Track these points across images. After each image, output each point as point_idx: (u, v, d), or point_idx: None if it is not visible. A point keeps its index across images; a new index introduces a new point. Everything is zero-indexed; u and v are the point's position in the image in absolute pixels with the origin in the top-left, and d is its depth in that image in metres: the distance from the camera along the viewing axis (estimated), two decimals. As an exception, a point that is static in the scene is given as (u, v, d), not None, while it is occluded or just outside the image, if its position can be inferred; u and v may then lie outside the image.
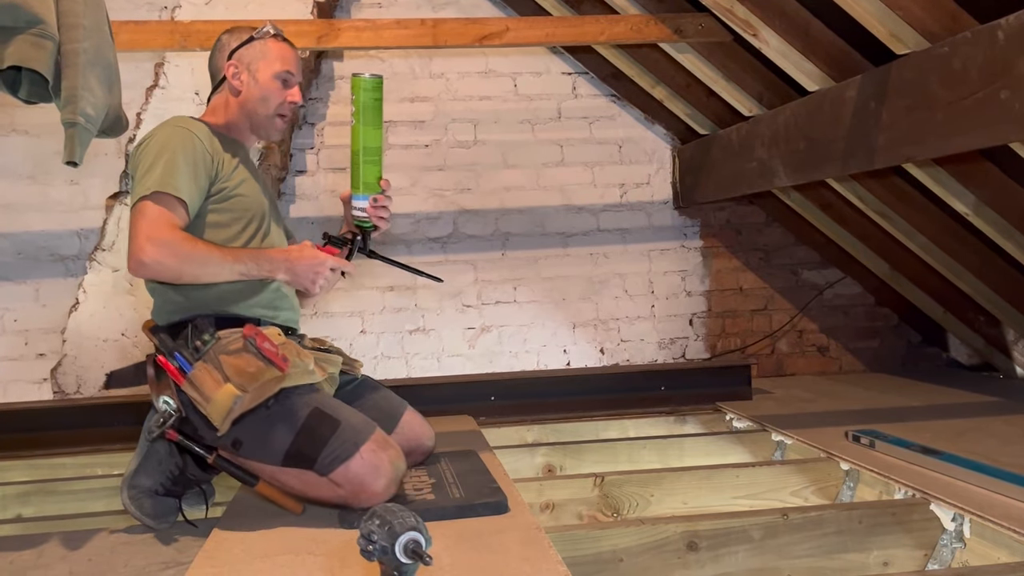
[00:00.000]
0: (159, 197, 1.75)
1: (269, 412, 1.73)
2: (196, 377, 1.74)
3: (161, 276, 1.77)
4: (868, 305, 3.91)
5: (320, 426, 1.73)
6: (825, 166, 2.54)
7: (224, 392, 1.70)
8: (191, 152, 1.82)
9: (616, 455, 2.60)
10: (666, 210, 3.80)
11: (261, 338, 1.77)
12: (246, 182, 1.95)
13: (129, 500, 1.80)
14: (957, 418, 2.71)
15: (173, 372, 1.75)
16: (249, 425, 1.72)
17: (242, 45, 1.97)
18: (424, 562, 1.04)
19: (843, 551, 1.82)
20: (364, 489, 1.70)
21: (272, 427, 1.73)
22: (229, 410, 1.69)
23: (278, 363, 1.74)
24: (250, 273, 1.81)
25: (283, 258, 1.83)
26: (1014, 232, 2.65)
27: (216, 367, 1.74)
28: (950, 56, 1.95)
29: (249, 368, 1.73)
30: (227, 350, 1.77)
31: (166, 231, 1.72)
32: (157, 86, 3.25)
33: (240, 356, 1.75)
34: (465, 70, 3.66)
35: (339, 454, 1.71)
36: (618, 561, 1.72)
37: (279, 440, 1.73)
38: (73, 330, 3.22)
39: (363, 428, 1.76)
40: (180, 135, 1.83)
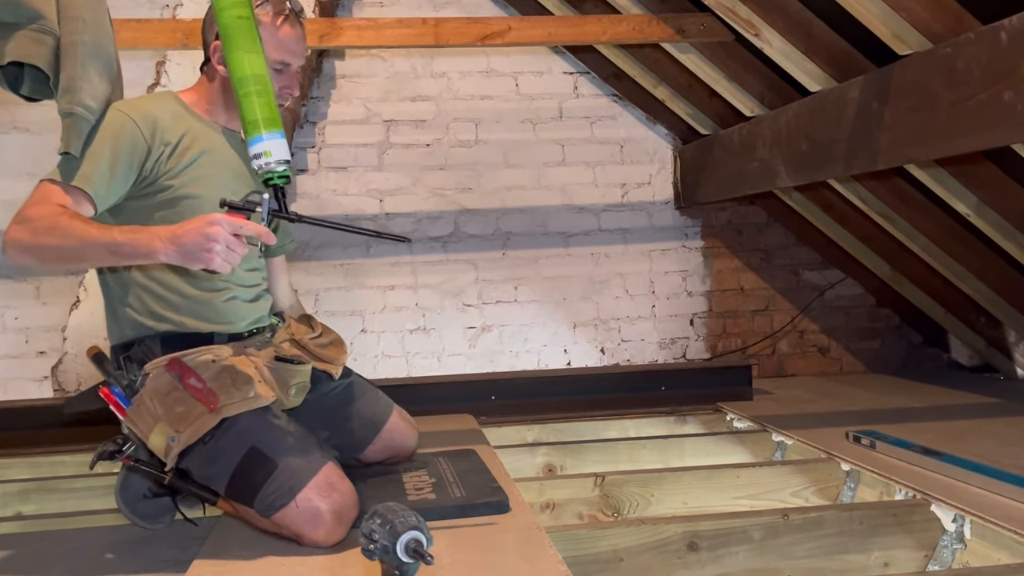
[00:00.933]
0: (54, 182, 1.57)
1: (207, 448, 1.60)
2: (134, 413, 1.64)
3: (21, 258, 1.51)
4: (869, 306, 3.91)
5: (255, 468, 1.57)
6: (827, 167, 2.54)
7: (159, 431, 1.59)
8: (117, 138, 1.61)
9: (617, 455, 2.59)
10: (667, 210, 3.80)
11: (186, 374, 1.61)
12: (202, 181, 1.70)
13: (123, 503, 1.80)
14: (958, 419, 2.70)
15: (116, 405, 1.66)
16: (194, 457, 1.62)
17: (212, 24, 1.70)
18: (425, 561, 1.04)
19: (844, 552, 1.81)
20: (302, 537, 1.56)
21: (213, 462, 1.61)
22: (167, 448, 1.59)
23: (204, 402, 1.58)
24: (123, 251, 1.47)
25: (167, 232, 1.45)
26: (1016, 233, 2.65)
27: (152, 402, 1.63)
28: (953, 57, 1.95)
29: (178, 408, 1.60)
30: (157, 389, 1.63)
31: (38, 208, 1.50)
32: (158, 84, 3.25)
33: (169, 396, 1.62)
34: (467, 69, 3.66)
35: (273, 501, 1.56)
36: (618, 561, 1.72)
37: (219, 477, 1.61)
38: (74, 328, 3.21)
39: (302, 471, 1.57)
40: (115, 119, 1.63)
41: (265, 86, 1.60)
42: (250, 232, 1.45)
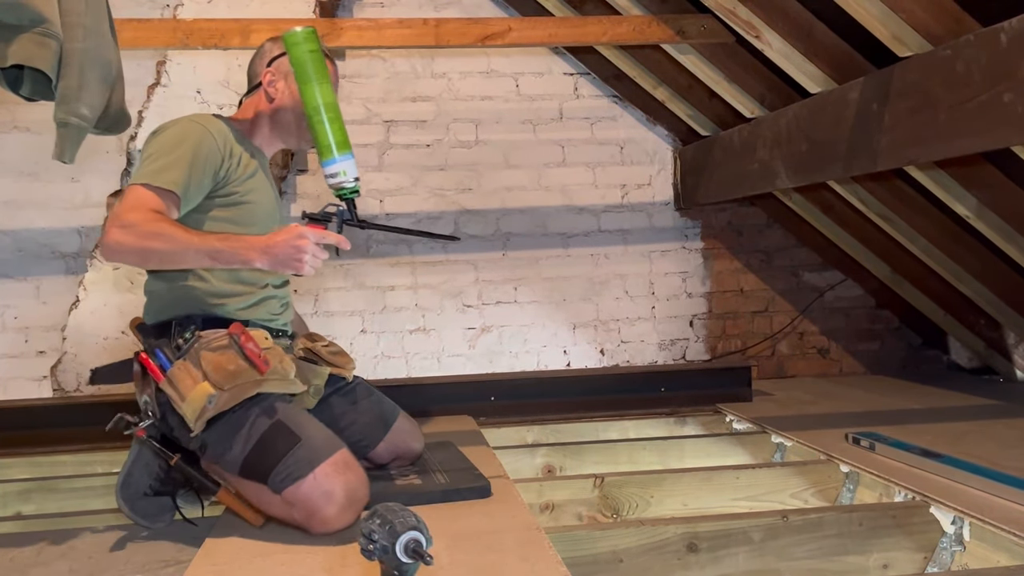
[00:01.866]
0: (148, 187, 1.68)
1: (234, 416, 1.68)
2: (174, 375, 1.70)
3: (124, 258, 1.66)
4: (869, 307, 3.91)
5: (278, 440, 1.66)
6: (827, 168, 2.54)
7: (199, 390, 1.66)
8: (199, 147, 1.76)
9: (616, 456, 2.60)
10: (667, 211, 3.80)
11: (246, 337, 1.72)
12: (259, 191, 1.90)
13: (123, 502, 1.81)
14: (957, 421, 2.71)
15: (153, 369, 1.72)
16: (216, 430, 1.69)
17: (283, 54, 1.89)
18: (425, 562, 1.04)
19: (843, 553, 1.82)
20: (314, 514, 1.62)
21: (234, 434, 1.68)
22: (203, 409, 1.65)
23: (259, 364, 1.69)
24: (222, 257, 1.64)
25: (261, 243, 1.64)
26: (1016, 235, 2.65)
27: (195, 365, 1.70)
28: (953, 59, 1.95)
29: (229, 366, 1.69)
30: (210, 347, 1.72)
31: (137, 214, 1.63)
32: (159, 84, 3.26)
33: (222, 353, 1.71)
34: (467, 70, 3.67)
35: (292, 472, 1.63)
36: (618, 562, 1.72)
37: (237, 449, 1.68)
38: (73, 328, 3.22)
39: (323, 448, 1.67)
40: (194, 130, 1.79)
41: (336, 113, 1.79)
42: (331, 241, 1.65)
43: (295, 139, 1.99)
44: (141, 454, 1.84)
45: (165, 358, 1.73)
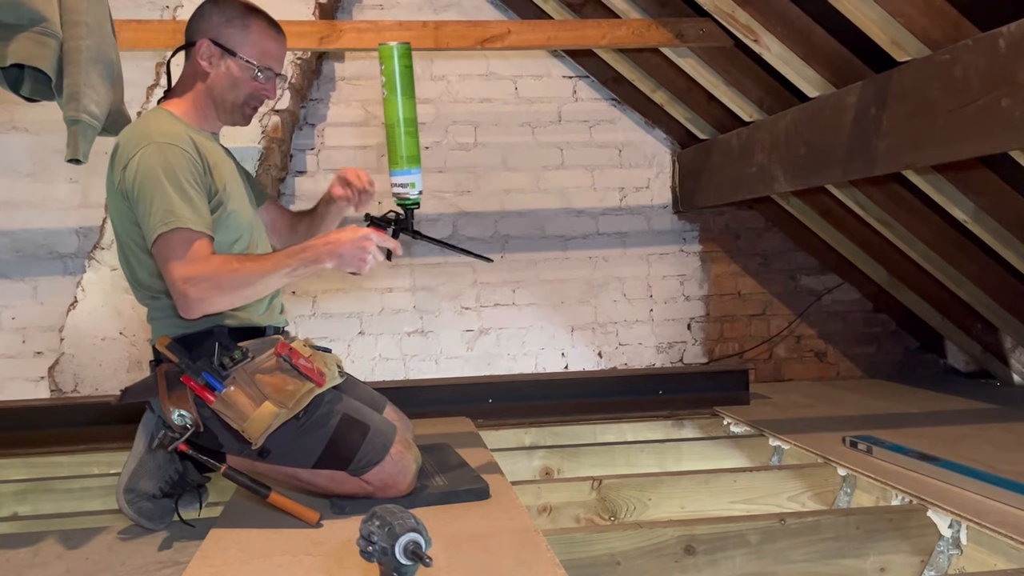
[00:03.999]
0: (174, 233, 1.64)
1: (300, 422, 1.74)
2: (229, 396, 1.70)
3: (213, 311, 1.70)
4: (866, 311, 3.91)
5: (351, 432, 1.76)
6: (825, 172, 2.55)
7: (264, 411, 1.69)
8: (186, 172, 1.68)
9: (614, 458, 2.60)
10: (665, 214, 3.80)
11: (295, 355, 1.76)
12: (235, 194, 1.83)
13: (127, 503, 1.79)
14: (954, 425, 2.71)
15: (200, 390, 1.70)
16: (280, 435, 1.72)
17: (218, 21, 1.79)
18: (424, 563, 1.04)
19: (840, 556, 1.82)
20: (393, 487, 1.78)
21: (305, 435, 1.75)
22: (268, 427, 1.69)
23: (315, 379, 1.75)
24: (299, 271, 1.69)
25: (325, 245, 1.68)
26: (1013, 240, 2.65)
27: (248, 384, 1.72)
28: (951, 64, 1.96)
29: (287, 386, 1.73)
30: (260, 368, 1.74)
31: (198, 266, 1.64)
32: (158, 85, 3.25)
33: (275, 375, 1.74)
34: (466, 72, 3.67)
35: (371, 458, 1.76)
36: (615, 564, 1.73)
37: (312, 447, 1.75)
38: (71, 328, 3.21)
39: (388, 430, 1.81)
40: (171, 156, 1.67)
41: (414, 128, 1.81)
42: (390, 245, 1.72)
43: (231, 116, 1.86)
44: (150, 458, 1.82)
45: (214, 379, 1.70)
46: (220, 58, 1.79)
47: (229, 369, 1.72)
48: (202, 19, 1.81)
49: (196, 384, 1.70)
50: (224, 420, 1.71)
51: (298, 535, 1.66)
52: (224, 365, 1.72)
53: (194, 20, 1.83)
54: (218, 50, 1.79)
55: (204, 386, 1.69)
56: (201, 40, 1.78)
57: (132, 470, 1.82)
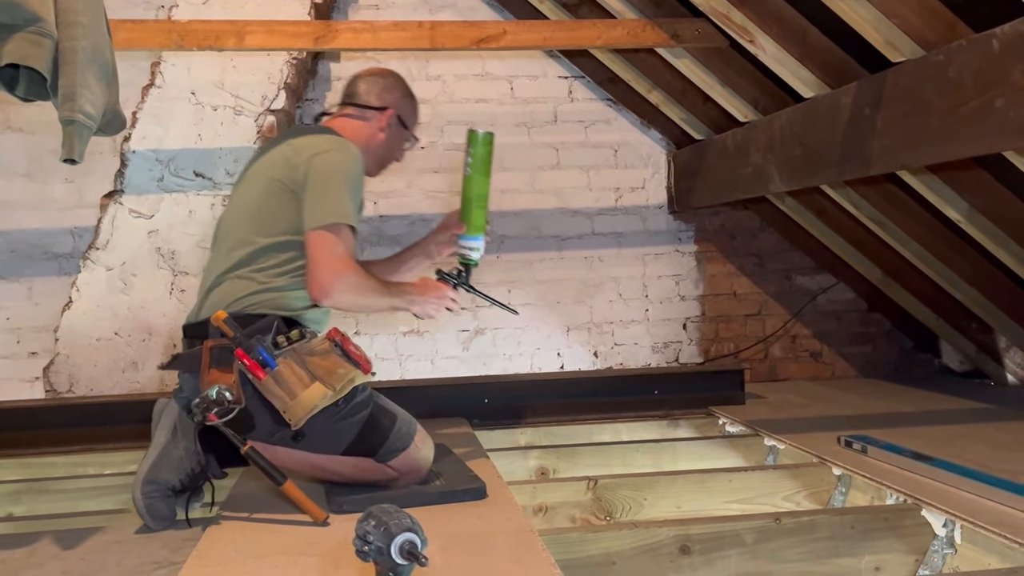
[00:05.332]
0: (341, 228, 1.86)
1: (339, 409, 1.82)
2: (281, 373, 1.76)
3: (339, 307, 1.93)
4: (861, 311, 3.92)
5: (382, 420, 1.88)
6: (820, 172, 2.55)
7: (314, 392, 1.75)
8: (360, 184, 1.99)
9: (609, 458, 2.60)
10: (661, 214, 3.81)
11: (347, 342, 1.85)
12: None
13: (142, 497, 1.79)
14: (949, 424, 2.72)
15: (252, 366, 1.75)
16: (317, 419, 1.78)
17: (403, 98, 2.17)
18: (420, 563, 1.04)
19: (835, 556, 1.82)
20: (415, 471, 1.91)
21: (341, 421, 1.83)
22: (314, 408, 1.75)
23: (364, 365, 1.84)
24: (394, 306, 2.00)
25: (416, 293, 2.01)
26: (1007, 240, 2.66)
27: (299, 364, 1.79)
28: (945, 64, 1.96)
29: (339, 369, 1.81)
30: (313, 351, 1.82)
31: (351, 268, 1.86)
32: (153, 85, 3.25)
33: (327, 357, 1.82)
34: (462, 72, 3.67)
35: (399, 445, 1.88)
36: (611, 564, 1.73)
37: (345, 434, 1.83)
38: (66, 329, 3.20)
39: (411, 420, 1.95)
40: (357, 166, 1.97)
41: (486, 203, 2.14)
42: (456, 305, 2.08)
43: (375, 169, 2.17)
44: (169, 450, 1.83)
45: (268, 356, 1.76)
46: (396, 128, 2.15)
47: (282, 349, 1.79)
48: (390, 91, 2.16)
49: (250, 359, 1.74)
50: (265, 401, 1.76)
51: (294, 535, 1.66)
52: (278, 344, 1.79)
53: (381, 88, 2.16)
54: (396, 121, 2.14)
55: (257, 362, 1.74)
56: (391, 111, 2.13)
57: (153, 461, 1.82)
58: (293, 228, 1.89)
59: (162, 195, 3.25)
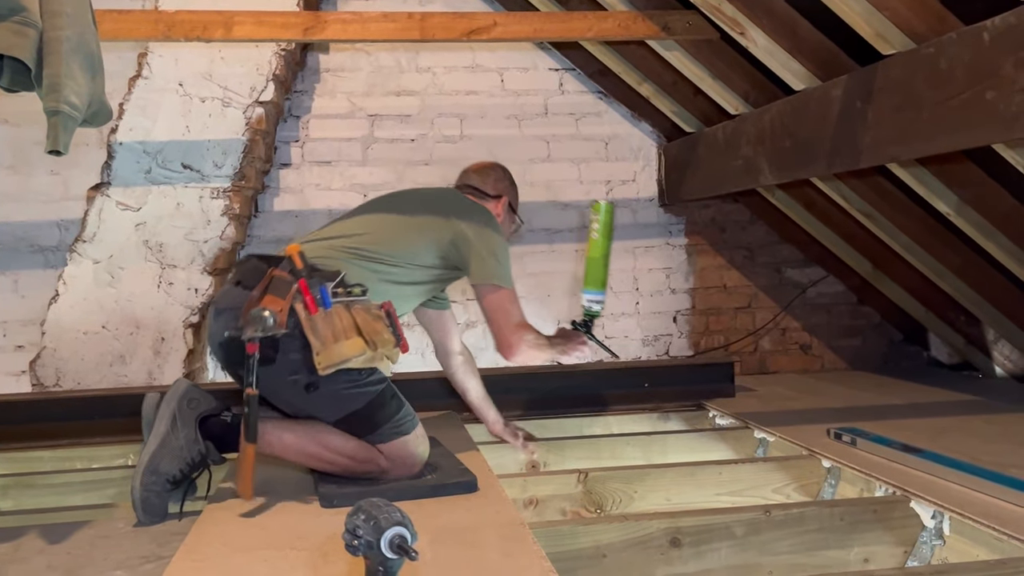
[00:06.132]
0: (512, 292, 2.16)
1: (360, 376, 1.87)
2: (331, 316, 1.81)
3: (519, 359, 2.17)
4: (851, 304, 3.93)
5: (391, 402, 1.93)
6: (810, 165, 2.55)
7: (354, 344, 1.80)
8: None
9: (600, 451, 2.60)
10: (651, 207, 3.81)
11: (395, 317, 1.94)
12: None
13: (141, 488, 1.79)
14: (938, 416, 2.73)
15: (310, 300, 1.80)
16: (336, 378, 1.82)
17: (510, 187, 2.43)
18: (410, 557, 1.03)
19: (824, 548, 1.83)
20: (406, 464, 1.91)
21: (355, 388, 1.87)
22: (347, 359, 1.79)
23: (403, 344, 1.93)
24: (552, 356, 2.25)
25: (563, 343, 2.27)
26: (995, 232, 2.67)
27: (350, 317, 1.83)
28: (936, 57, 1.96)
29: (383, 334, 1.87)
30: (368, 310, 1.88)
31: (530, 331, 2.15)
32: (140, 76, 3.22)
33: (376, 321, 1.87)
34: (452, 64, 3.65)
35: (401, 428, 1.92)
36: (601, 557, 1.73)
37: (354, 402, 1.87)
38: (52, 322, 3.18)
39: (415, 416, 1.99)
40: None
41: (608, 261, 2.38)
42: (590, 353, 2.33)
43: None
44: (169, 440, 1.83)
45: (327, 297, 1.82)
46: (508, 212, 2.40)
47: (340, 297, 1.85)
48: (501, 181, 2.42)
49: (309, 294, 1.81)
50: (301, 341, 1.79)
51: (283, 529, 1.66)
52: (336, 293, 1.85)
53: (494, 179, 2.41)
54: (508, 207, 2.40)
55: (315, 299, 1.81)
56: (504, 198, 2.39)
57: (153, 451, 1.82)
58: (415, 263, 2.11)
59: (149, 187, 3.23)
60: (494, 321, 2.15)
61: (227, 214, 3.26)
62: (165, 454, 1.83)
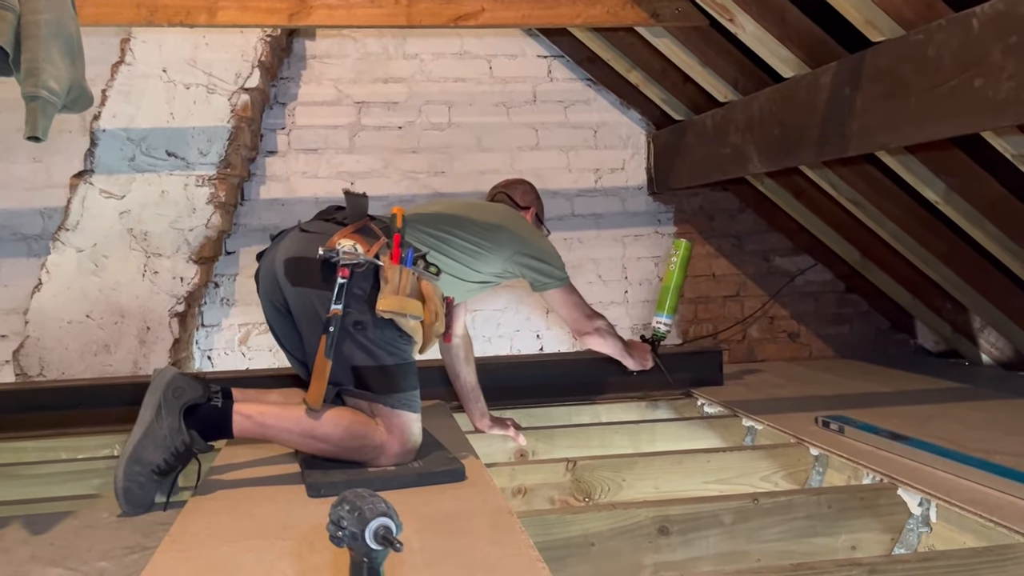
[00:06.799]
0: (571, 286, 2.36)
1: (399, 336, 1.94)
2: (404, 273, 1.91)
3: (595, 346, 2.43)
4: (838, 292, 3.94)
5: (412, 377, 1.99)
6: (799, 152, 2.55)
7: (417, 305, 1.91)
8: None
9: (588, 440, 2.60)
10: (640, 196, 3.80)
11: (452, 310, 2.08)
12: None
13: (123, 478, 1.77)
14: (924, 404, 2.74)
15: (396, 251, 1.94)
16: (384, 326, 1.91)
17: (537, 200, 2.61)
18: (394, 548, 1.02)
19: (812, 535, 1.83)
20: (401, 441, 1.92)
21: (392, 345, 1.94)
22: (405, 314, 1.88)
23: (449, 334, 2.07)
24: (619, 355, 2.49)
25: (632, 350, 2.54)
26: (983, 220, 2.68)
27: (417, 283, 1.94)
28: (925, 44, 1.96)
29: (440, 311, 1.97)
30: (436, 291, 1.99)
31: (602, 320, 2.42)
32: (123, 62, 3.18)
33: (437, 298, 1.97)
34: (440, 51, 3.63)
35: (411, 405, 1.96)
36: (589, 545, 1.72)
37: (386, 355, 1.93)
38: (36, 311, 3.15)
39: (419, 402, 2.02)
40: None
41: (681, 290, 2.82)
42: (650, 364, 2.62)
43: None
44: (153, 429, 1.82)
45: (411, 258, 1.95)
46: (535, 222, 2.52)
47: (419, 267, 1.98)
48: (529, 194, 2.59)
49: (398, 247, 1.95)
50: (375, 281, 1.90)
51: (269, 519, 1.64)
52: (416, 261, 1.98)
53: (522, 192, 2.59)
54: (535, 218, 2.54)
55: (401, 253, 1.94)
56: (533, 209, 2.55)
57: (138, 440, 1.80)
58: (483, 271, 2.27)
59: (133, 175, 3.19)
60: (567, 316, 2.39)
61: (213, 202, 3.23)
62: (149, 443, 1.80)
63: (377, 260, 1.91)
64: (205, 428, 1.87)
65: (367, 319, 1.90)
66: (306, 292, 1.94)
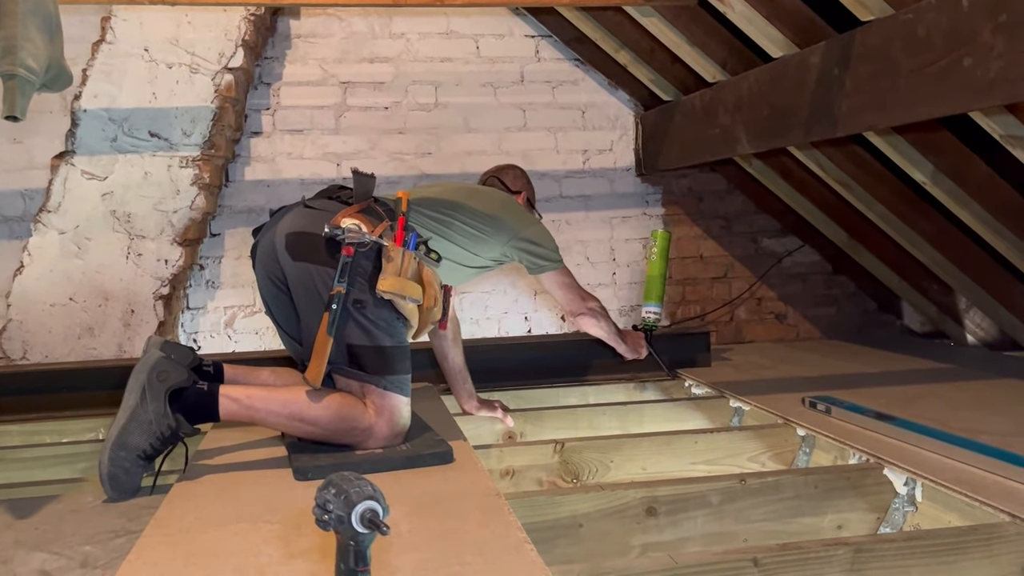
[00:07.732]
0: (565, 268, 2.39)
1: (397, 319, 1.94)
2: (407, 257, 1.92)
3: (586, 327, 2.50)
4: (826, 273, 3.95)
5: (405, 361, 1.98)
6: (788, 133, 2.54)
7: (417, 288, 1.92)
8: None
9: (576, 421, 2.60)
10: (628, 177, 3.78)
11: (450, 299, 2.10)
12: None
13: (108, 463, 1.76)
14: (910, 384, 2.76)
15: (400, 234, 1.95)
16: (382, 307, 1.91)
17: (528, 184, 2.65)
18: (381, 532, 1.01)
19: (799, 515, 1.84)
20: (391, 419, 1.91)
21: (390, 328, 1.93)
22: (404, 296, 1.90)
23: (444, 322, 2.06)
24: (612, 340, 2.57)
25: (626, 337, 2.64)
26: (969, 201, 2.68)
27: (419, 268, 1.96)
28: (914, 23, 1.95)
29: (438, 298, 1.99)
30: (436, 277, 2.00)
31: (595, 302, 2.47)
32: (104, 41, 3.13)
33: (437, 289, 1.99)
34: (426, 31, 3.59)
35: (402, 388, 1.95)
36: (578, 527, 1.73)
37: (383, 336, 1.92)
38: (18, 294, 3.11)
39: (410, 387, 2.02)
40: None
41: (666, 278, 2.97)
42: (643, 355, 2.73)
43: None
44: (139, 414, 1.80)
45: (414, 243, 1.96)
46: (527, 207, 2.54)
47: (420, 252, 1.98)
48: (520, 179, 2.64)
49: (403, 230, 1.96)
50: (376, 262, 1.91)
51: (255, 503, 1.63)
52: (418, 247, 1.99)
53: (514, 177, 2.64)
54: (527, 201, 2.58)
55: (405, 236, 1.95)
56: (524, 193, 2.59)
57: (123, 425, 1.78)
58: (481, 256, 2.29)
59: (116, 156, 3.15)
60: (562, 298, 2.43)
61: (197, 184, 3.20)
62: (134, 428, 1.79)
63: (382, 241, 1.91)
64: (191, 412, 1.85)
65: (367, 298, 1.90)
66: (307, 267, 1.93)
